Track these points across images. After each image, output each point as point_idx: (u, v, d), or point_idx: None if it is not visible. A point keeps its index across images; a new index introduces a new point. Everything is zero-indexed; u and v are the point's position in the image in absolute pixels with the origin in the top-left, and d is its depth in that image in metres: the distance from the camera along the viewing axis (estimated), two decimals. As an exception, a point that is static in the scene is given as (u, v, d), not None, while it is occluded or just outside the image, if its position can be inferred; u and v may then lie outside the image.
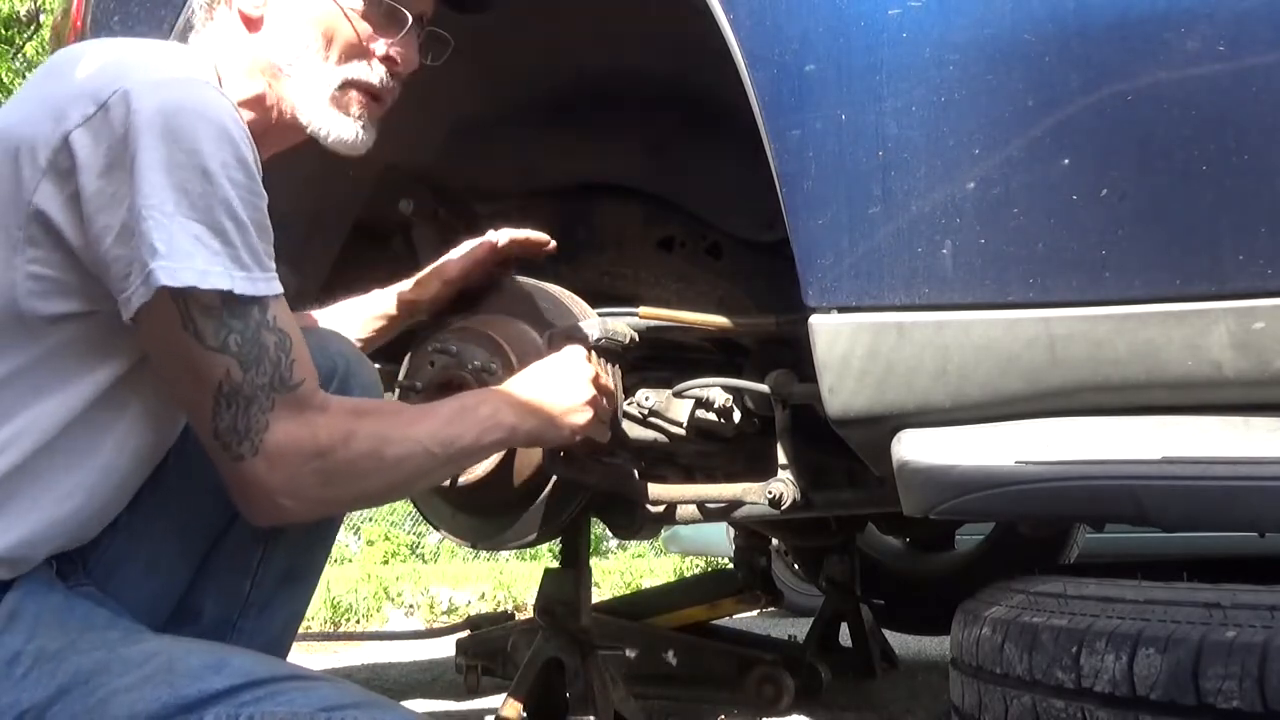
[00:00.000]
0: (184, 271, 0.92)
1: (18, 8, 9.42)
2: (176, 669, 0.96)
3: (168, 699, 0.93)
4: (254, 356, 0.97)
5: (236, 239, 0.96)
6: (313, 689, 0.98)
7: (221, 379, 0.97)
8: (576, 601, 1.69)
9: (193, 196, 0.94)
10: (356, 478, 1.06)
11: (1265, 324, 1.02)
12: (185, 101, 0.96)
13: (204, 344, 0.96)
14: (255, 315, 0.98)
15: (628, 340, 1.56)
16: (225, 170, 0.96)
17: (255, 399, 0.98)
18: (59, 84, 0.99)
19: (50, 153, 0.94)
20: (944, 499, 1.13)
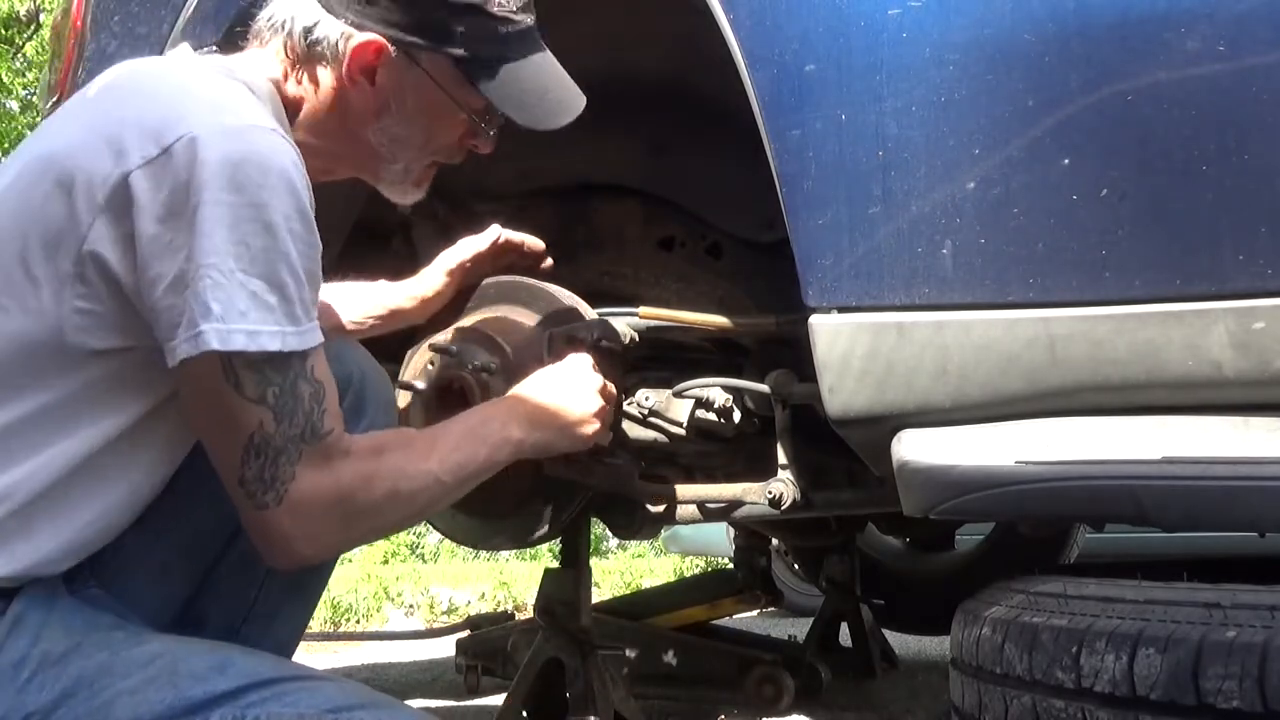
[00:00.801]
0: (235, 335, 0.93)
1: (18, 8, 9.42)
2: (180, 670, 0.96)
3: (172, 700, 0.93)
4: (289, 409, 0.98)
5: (292, 293, 0.96)
6: (318, 689, 0.98)
7: (254, 430, 0.97)
8: (576, 601, 1.69)
9: (254, 251, 0.93)
10: (374, 517, 1.07)
11: (1265, 324, 1.02)
12: (251, 152, 0.95)
13: (243, 394, 0.96)
14: (295, 367, 0.98)
15: (628, 340, 1.56)
16: (288, 223, 0.95)
17: (285, 450, 0.98)
18: (116, 112, 0.97)
19: (108, 191, 0.93)
20: (944, 499, 1.13)
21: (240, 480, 0.98)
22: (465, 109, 1.16)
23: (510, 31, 1.14)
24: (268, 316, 0.94)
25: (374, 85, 1.12)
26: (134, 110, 0.97)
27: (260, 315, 0.94)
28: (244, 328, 0.93)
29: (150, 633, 1.03)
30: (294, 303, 0.97)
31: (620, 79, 1.68)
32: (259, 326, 0.94)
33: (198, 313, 0.92)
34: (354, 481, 1.03)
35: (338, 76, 1.11)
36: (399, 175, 1.20)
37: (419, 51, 1.12)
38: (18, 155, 1.04)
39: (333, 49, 1.10)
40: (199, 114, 0.95)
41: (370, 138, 1.15)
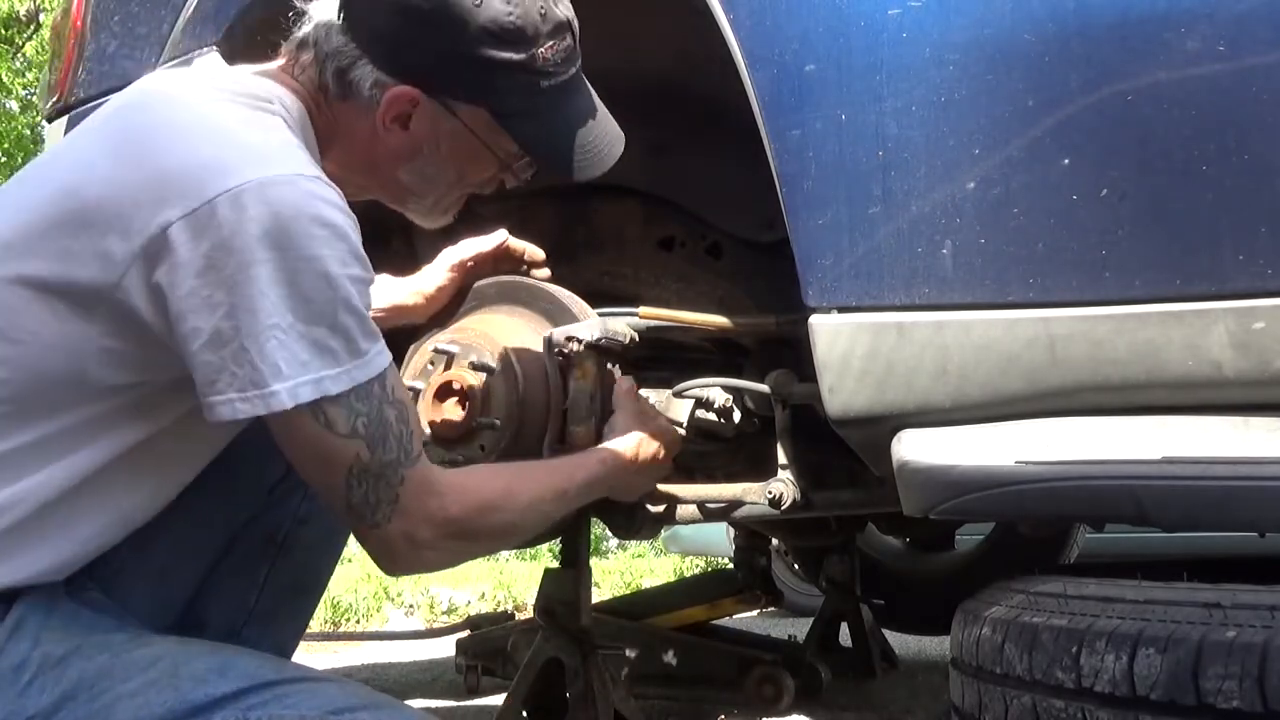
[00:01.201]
0: (302, 389, 0.93)
1: (17, 8, 9.42)
2: (181, 673, 0.95)
3: (173, 703, 0.93)
4: (380, 435, 0.99)
5: (356, 331, 0.97)
6: (319, 690, 0.98)
7: (352, 462, 0.98)
8: (576, 601, 1.68)
9: (317, 303, 0.93)
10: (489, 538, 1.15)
11: (1265, 324, 1.02)
12: (299, 207, 0.93)
13: (335, 432, 0.96)
14: (376, 393, 0.99)
15: (628, 340, 1.56)
16: (344, 269, 0.95)
17: (384, 475, 1.00)
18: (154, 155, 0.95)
19: (145, 240, 0.92)
20: (944, 499, 1.13)
21: (348, 507, 1.00)
22: (500, 155, 1.15)
23: (552, 85, 1.13)
24: (331, 362, 0.95)
25: (407, 130, 1.10)
26: (174, 155, 0.95)
27: (323, 362, 0.94)
28: (309, 378, 0.93)
29: (151, 635, 1.03)
30: (357, 338, 0.97)
31: (620, 79, 1.68)
32: (322, 373, 0.94)
33: (265, 374, 0.91)
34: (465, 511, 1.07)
35: (370, 121, 1.09)
36: (428, 208, 1.20)
37: (456, 103, 1.10)
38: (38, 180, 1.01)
39: (368, 94, 1.08)
40: (241, 164, 0.93)
41: (401, 177, 1.15)
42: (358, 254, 0.98)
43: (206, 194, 0.91)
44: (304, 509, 1.23)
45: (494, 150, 1.14)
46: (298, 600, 1.27)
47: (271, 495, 1.23)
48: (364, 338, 0.98)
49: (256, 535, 1.21)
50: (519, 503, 1.16)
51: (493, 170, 1.18)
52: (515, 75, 1.09)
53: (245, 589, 1.21)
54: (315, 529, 1.25)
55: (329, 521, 1.24)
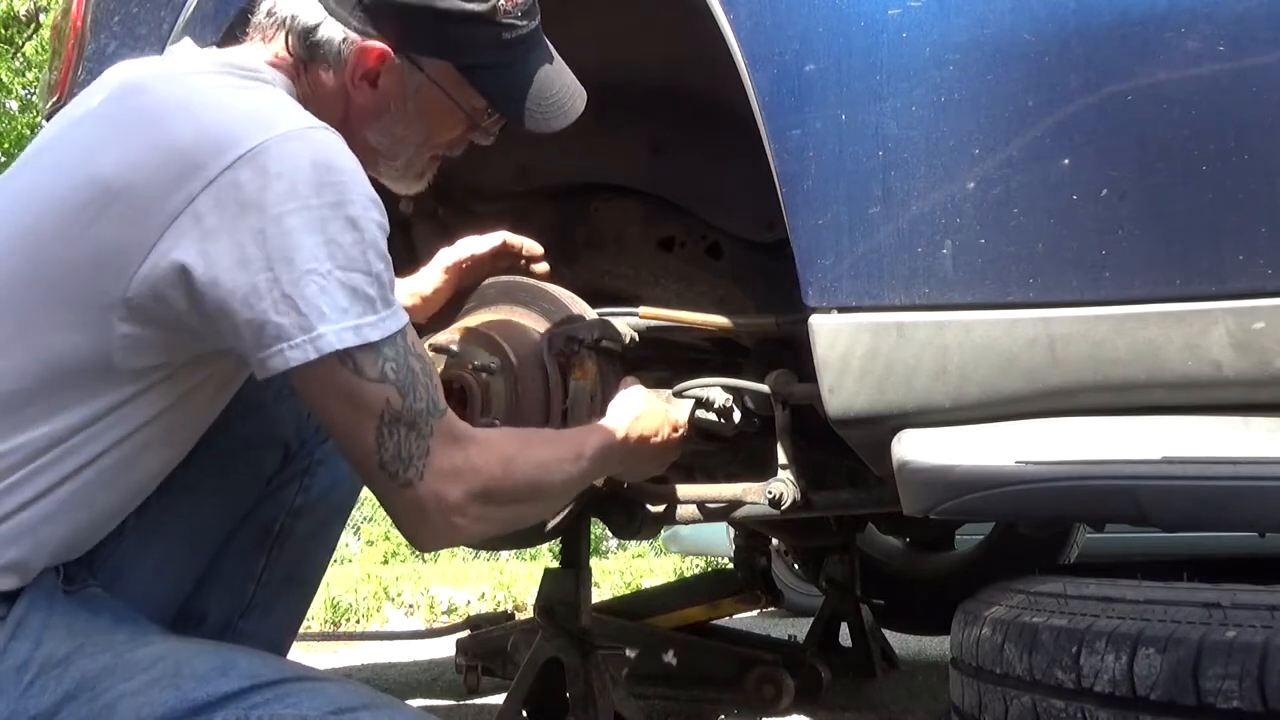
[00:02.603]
0: (346, 333, 0.94)
1: (17, 8, 9.43)
2: (183, 672, 0.96)
3: (175, 703, 0.93)
4: (409, 382, 0.99)
5: (386, 278, 0.99)
6: (321, 690, 0.98)
7: (383, 408, 0.98)
8: (576, 601, 1.68)
9: (346, 248, 0.95)
10: (514, 501, 1.11)
11: (1265, 324, 1.02)
12: (316, 153, 0.96)
13: (364, 377, 0.97)
14: (400, 343, 0.99)
15: (628, 340, 1.56)
16: (367, 213, 0.97)
17: (416, 424, 1.00)
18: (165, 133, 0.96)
19: (172, 213, 0.92)
20: (944, 499, 1.13)
21: (380, 464, 0.99)
22: (467, 111, 1.17)
23: (514, 37, 1.15)
24: (368, 308, 0.96)
25: (376, 89, 1.12)
26: (186, 131, 0.96)
27: (362, 308, 0.95)
28: (350, 324, 0.94)
29: (154, 634, 1.03)
30: (387, 286, 0.99)
31: (620, 79, 1.68)
32: (361, 320, 0.95)
33: (311, 318, 0.92)
34: (491, 462, 1.06)
35: (339, 80, 1.11)
36: (399, 170, 1.20)
37: (422, 57, 1.12)
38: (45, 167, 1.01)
39: (335, 53, 1.09)
40: (252, 127, 0.95)
41: (370, 137, 1.15)
42: (376, 201, 0.99)
43: (225, 161, 0.93)
44: (299, 501, 1.24)
45: (461, 105, 1.16)
46: (294, 592, 1.27)
47: (268, 487, 1.23)
48: (392, 288, 0.99)
49: (253, 528, 1.22)
50: (539, 457, 1.15)
51: (461, 128, 1.19)
52: (478, 28, 1.12)
53: (243, 582, 1.21)
54: (310, 521, 1.25)
55: (323, 513, 1.25)
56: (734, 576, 2.38)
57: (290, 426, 1.23)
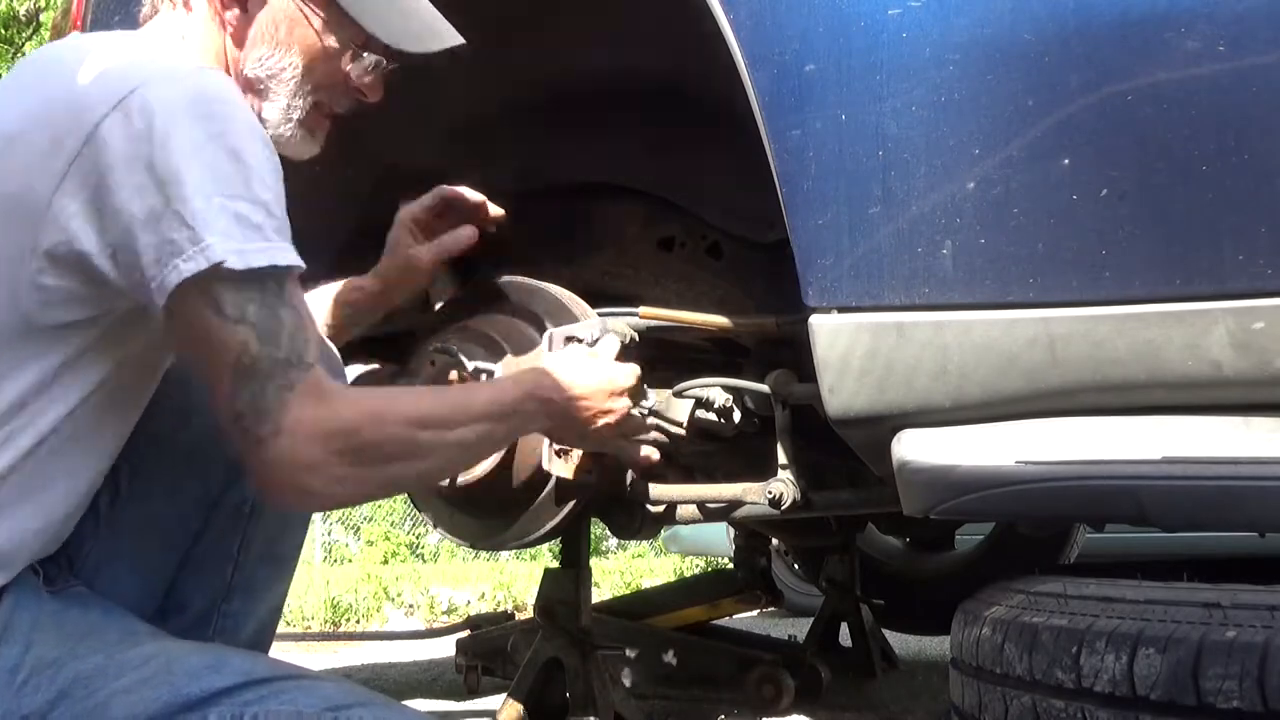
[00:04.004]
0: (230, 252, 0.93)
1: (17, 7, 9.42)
2: (175, 669, 0.96)
3: (169, 699, 0.93)
4: (271, 329, 0.96)
5: (275, 210, 0.97)
6: (315, 688, 0.98)
7: (240, 352, 0.95)
8: (576, 601, 1.69)
9: (229, 176, 0.95)
10: (384, 458, 1.04)
11: (1265, 324, 1.02)
12: (204, 88, 0.97)
13: (223, 316, 0.95)
14: (273, 289, 0.97)
15: (628, 340, 1.56)
16: (250, 144, 0.97)
17: (273, 375, 0.96)
18: (64, 82, 0.98)
19: (73, 150, 0.93)
20: (944, 499, 1.13)
21: (236, 416, 0.96)
22: (338, 36, 1.16)
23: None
24: (253, 235, 0.95)
25: (245, 11, 1.14)
26: (83, 76, 0.98)
27: (245, 234, 0.94)
28: (231, 247, 0.93)
29: (144, 632, 1.03)
30: (277, 219, 0.97)
31: (620, 78, 1.68)
32: (245, 246, 0.94)
33: (186, 239, 0.92)
34: (358, 416, 1.01)
35: (213, 9, 1.13)
36: (282, 114, 1.17)
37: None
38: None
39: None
40: (145, 66, 0.98)
41: (248, 70, 1.15)
42: (265, 138, 1.00)
43: (120, 94, 0.94)
44: None
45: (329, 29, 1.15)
46: (273, 569, 1.26)
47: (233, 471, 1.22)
48: (281, 224, 0.98)
49: (226, 511, 1.21)
50: (418, 412, 1.08)
51: (336, 62, 1.17)
52: None
53: (221, 564, 1.21)
54: None
55: None
56: (734, 576, 2.38)
57: None
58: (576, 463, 1.49)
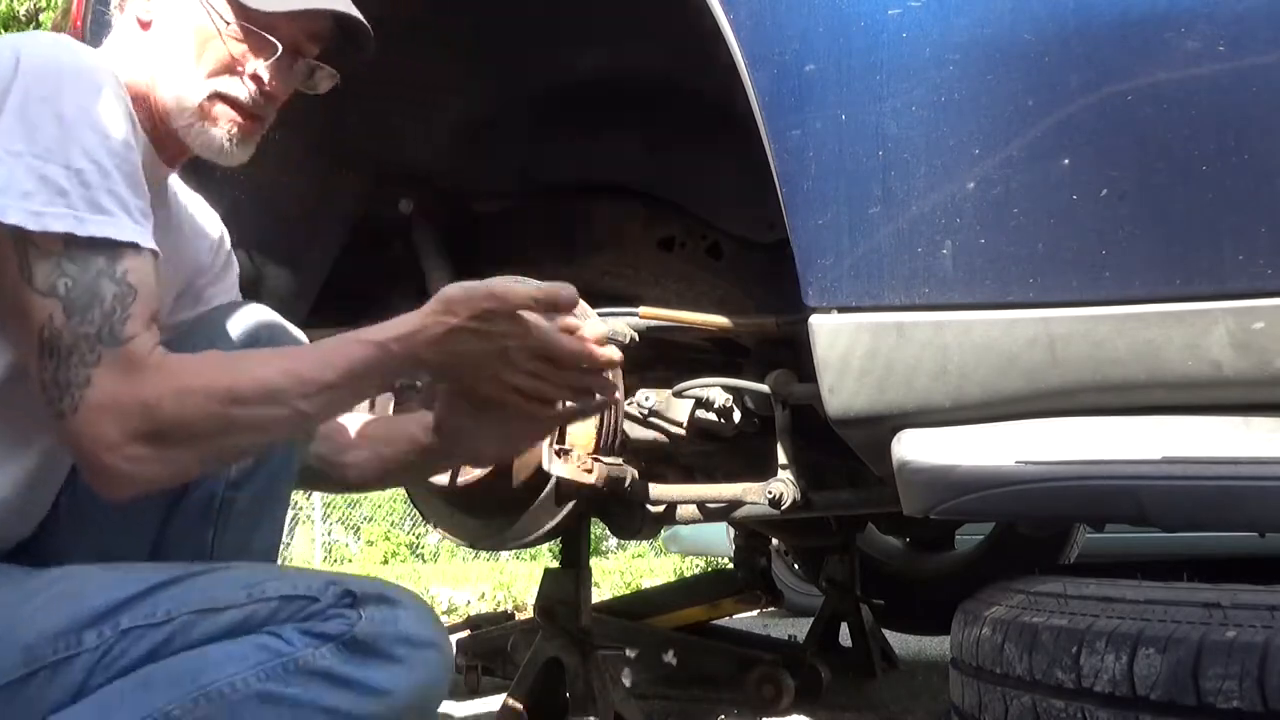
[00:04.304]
0: (14, 210, 0.91)
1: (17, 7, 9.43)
2: (86, 586, 0.95)
3: (74, 611, 0.93)
4: (83, 303, 0.94)
5: (93, 180, 0.95)
6: (226, 576, 0.98)
7: (44, 324, 0.93)
8: (576, 601, 1.69)
9: (45, 137, 0.93)
10: (194, 438, 0.98)
11: (1265, 324, 1.02)
12: (61, 56, 0.98)
13: (33, 287, 0.93)
14: (98, 262, 0.95)
15: (628, 340, 1.56)
16: (83, 115, 0.96)
17: (76, 349, 0.93)
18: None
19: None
20: (944, 499, 1.13)
21: (42, 386, 0.94)
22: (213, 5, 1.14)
23: None
24: (58, 200, 0.93)
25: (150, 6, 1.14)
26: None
27: (49, 198, 0.92)
28: (27, 207, 0.91)
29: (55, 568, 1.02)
30: (97, 190, 0.95)
31: (620, 78, 1.68)
32: (45, 209, 0.92)
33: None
34: (159, 391, 0.95)
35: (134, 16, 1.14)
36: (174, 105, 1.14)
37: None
38: None
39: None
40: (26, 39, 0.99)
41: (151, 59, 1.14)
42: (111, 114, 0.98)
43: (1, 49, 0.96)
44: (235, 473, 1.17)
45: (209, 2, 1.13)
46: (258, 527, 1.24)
47: None
48: (108, 196, 0.95)
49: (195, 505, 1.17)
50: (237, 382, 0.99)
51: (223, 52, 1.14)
52: None
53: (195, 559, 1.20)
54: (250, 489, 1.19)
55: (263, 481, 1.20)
56: (734, 576, 2.38)
57: None
58: (577, 463, 1.49)
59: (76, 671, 0.93)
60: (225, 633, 0.96)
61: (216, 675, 0.94)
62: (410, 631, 1.01)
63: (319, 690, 0.96)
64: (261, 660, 0.95)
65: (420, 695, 1.01)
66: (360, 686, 0.97)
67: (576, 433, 1.51)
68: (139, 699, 0.93)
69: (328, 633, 0.97)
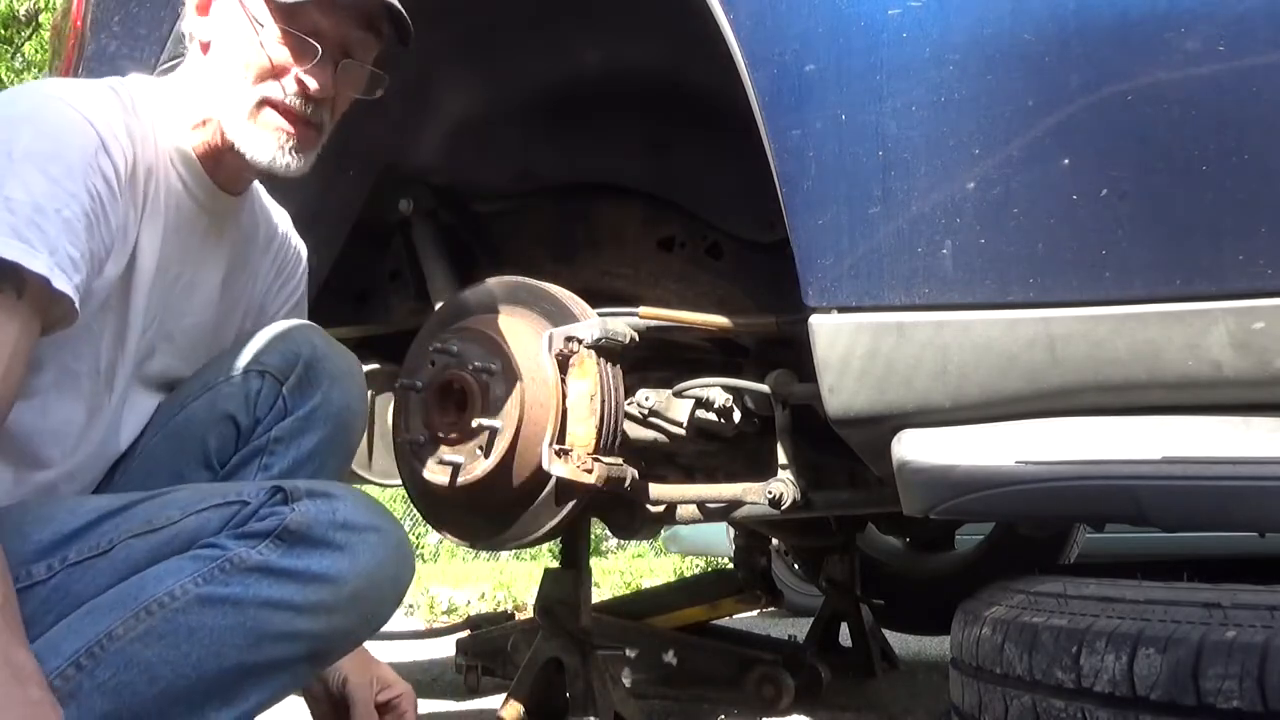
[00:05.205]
0: None
1: (17, 8, 9.42)
2: (27, 522, 0.97)
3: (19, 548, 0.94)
4: None
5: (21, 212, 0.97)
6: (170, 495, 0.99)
7: None
8: (576, 601, 1.69)
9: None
10: None
11: (1265, 324, 1.02)
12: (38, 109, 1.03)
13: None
14: None
15: (628, 340, 1.56)
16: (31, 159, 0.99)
17: None
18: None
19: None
20: (944, 499, 1.13)
21: None
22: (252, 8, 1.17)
23: None
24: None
25: (208, 16, 1.19)
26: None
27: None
28: None
29: None
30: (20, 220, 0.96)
31: (620, 78, 1.68)
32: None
33: None
34: None
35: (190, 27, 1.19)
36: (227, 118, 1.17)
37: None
38: None
39: None
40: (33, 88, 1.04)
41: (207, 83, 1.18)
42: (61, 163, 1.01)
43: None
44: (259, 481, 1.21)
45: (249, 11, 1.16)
46: None
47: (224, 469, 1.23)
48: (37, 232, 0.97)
49: None
50: None
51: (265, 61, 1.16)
52: None
53: None
54: None
55: None
56: (734, 576, 2.38)
57: (236, 402, 1.23)
58: (577, 463, 1.49)
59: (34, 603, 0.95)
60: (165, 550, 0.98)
61: (155, 589, 0.96)
62: (348, 517, 1.02)
63: (259, 585, 0.97)
64: (198, 568, 0.97)
65: (369, 579, 1.02)
66: (301, 576, 0.98)
67: (576, 433, 1.51)
68: (84, 626, 0.94)
69: (262, 530, 0.99)
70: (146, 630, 0.94)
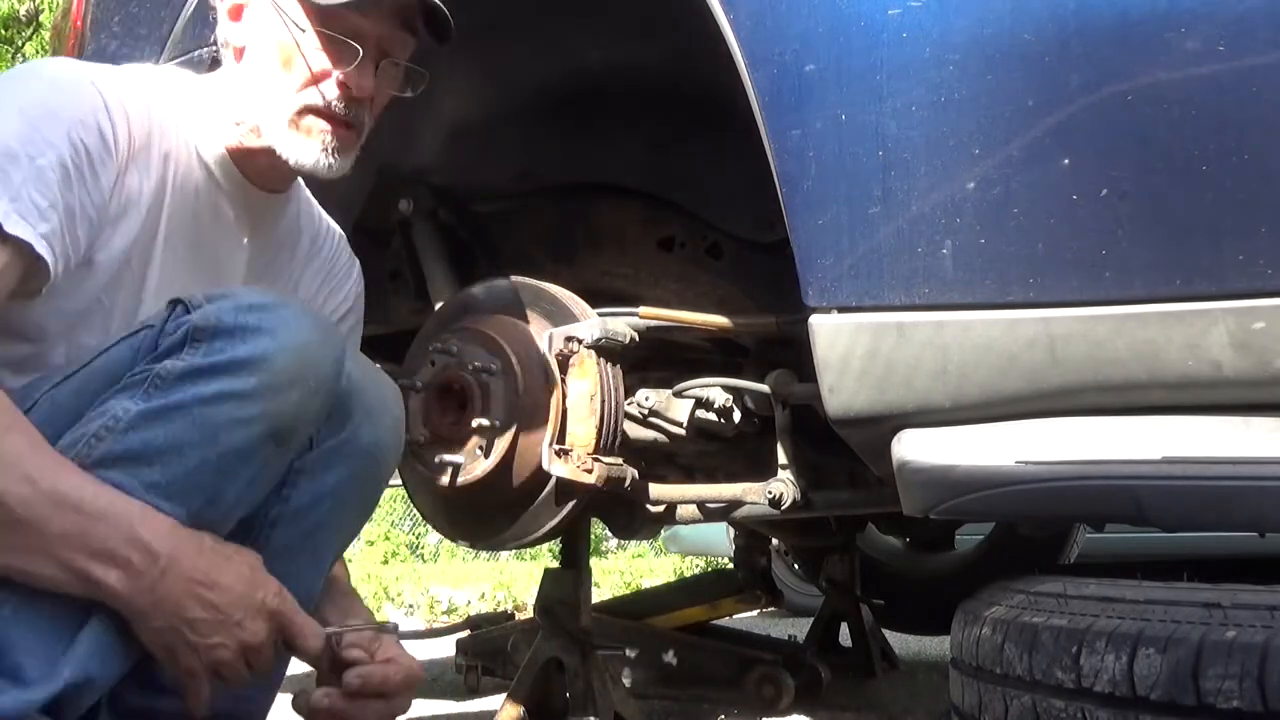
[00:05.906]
0: None
1: (17, 8, 9.43)
2: None
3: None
4: None
5: None
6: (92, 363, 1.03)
7: None
8: (576, 601, 1.69)
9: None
10: None
11: (1265, 324, 1.02)
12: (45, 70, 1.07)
13: None
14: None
15: (628, 340, 1.56)
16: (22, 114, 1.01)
17: None
18: None
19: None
20: (944, 499, 1.13)
21: None
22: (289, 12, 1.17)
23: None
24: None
25: (240, 21, 1.19)
26: None
27: None
28: None
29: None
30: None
31: (620, 78, 1.68)
32: None
33: None
34: None
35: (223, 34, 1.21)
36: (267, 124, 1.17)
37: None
38: None
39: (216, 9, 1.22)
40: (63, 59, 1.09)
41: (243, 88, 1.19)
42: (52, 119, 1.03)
43: None
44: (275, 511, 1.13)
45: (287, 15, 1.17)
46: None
47: None
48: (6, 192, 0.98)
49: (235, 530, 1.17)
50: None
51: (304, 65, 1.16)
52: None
53: None
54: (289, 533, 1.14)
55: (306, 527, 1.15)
56: (734, 576, 2.38)
57: None
58: (577, 463, 1.49)
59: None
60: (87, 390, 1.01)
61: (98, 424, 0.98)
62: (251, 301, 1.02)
63: (194, 387, 0.98)
64: (132, 394, 0.99)
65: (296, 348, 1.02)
66: (230, 365, 0.99)
67: (576, 433, 1.51)
68: None
69: (176, 341, 1.00)
70: (101, 456, 0.96)
